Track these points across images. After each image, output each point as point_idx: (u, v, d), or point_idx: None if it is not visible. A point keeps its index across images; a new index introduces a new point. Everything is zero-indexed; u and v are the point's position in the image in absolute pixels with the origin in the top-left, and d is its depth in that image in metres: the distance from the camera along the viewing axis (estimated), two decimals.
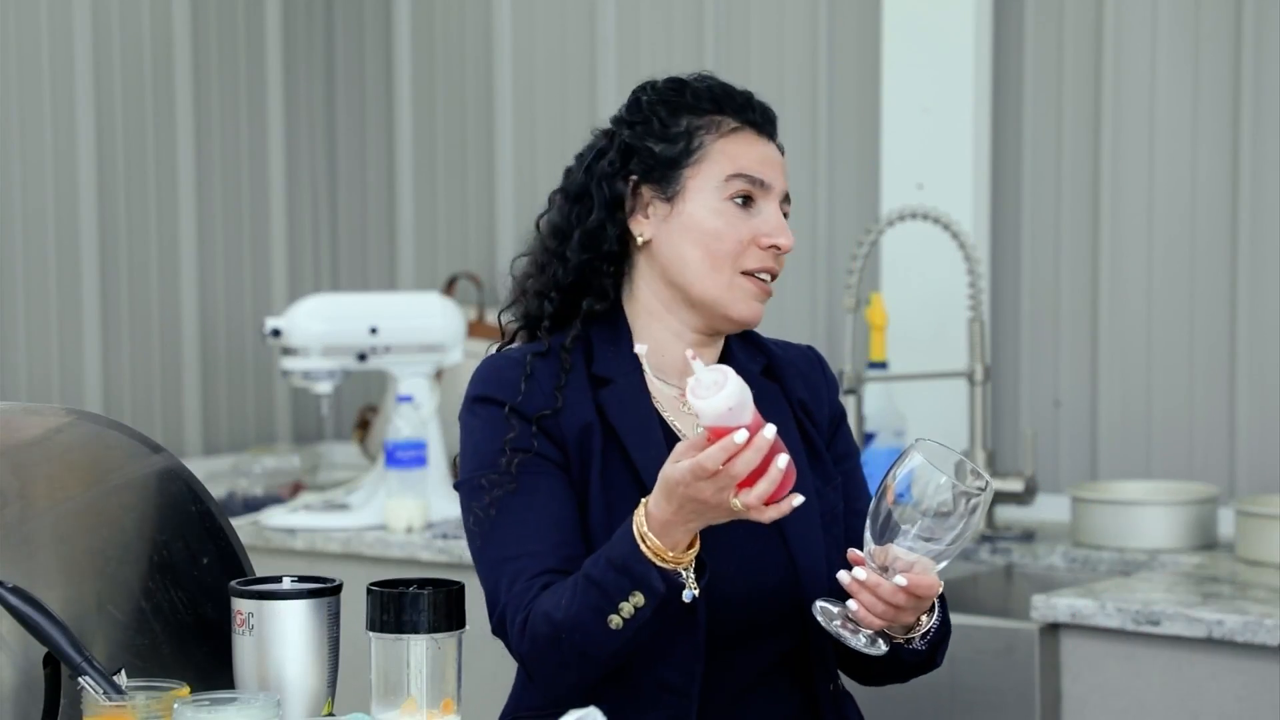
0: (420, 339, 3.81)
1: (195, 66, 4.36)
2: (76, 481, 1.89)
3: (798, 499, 1.86)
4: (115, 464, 1.92)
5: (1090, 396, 3.70)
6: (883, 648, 1.97)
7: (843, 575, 1.94)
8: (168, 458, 1.97)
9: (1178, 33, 3.58)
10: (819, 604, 1.98)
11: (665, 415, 2.12)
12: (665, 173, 2.10)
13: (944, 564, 1.94)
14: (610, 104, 4.24)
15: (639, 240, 2.12)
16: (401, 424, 3.68)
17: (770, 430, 1.82)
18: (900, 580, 1.91)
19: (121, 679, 1.78)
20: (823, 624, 1.97)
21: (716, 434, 1.83)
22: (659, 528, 1.90)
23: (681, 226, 2.09)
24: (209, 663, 1.94)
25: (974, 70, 3.67)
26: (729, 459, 1.82)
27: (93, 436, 1.92)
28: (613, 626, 1.92)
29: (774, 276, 2.11)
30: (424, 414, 3.77)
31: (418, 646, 1.80)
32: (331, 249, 4.70)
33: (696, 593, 1.93)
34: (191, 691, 1.79)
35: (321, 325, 3.77)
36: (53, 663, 1.81)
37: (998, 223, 3.76)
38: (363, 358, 3.80)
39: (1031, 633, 2.96)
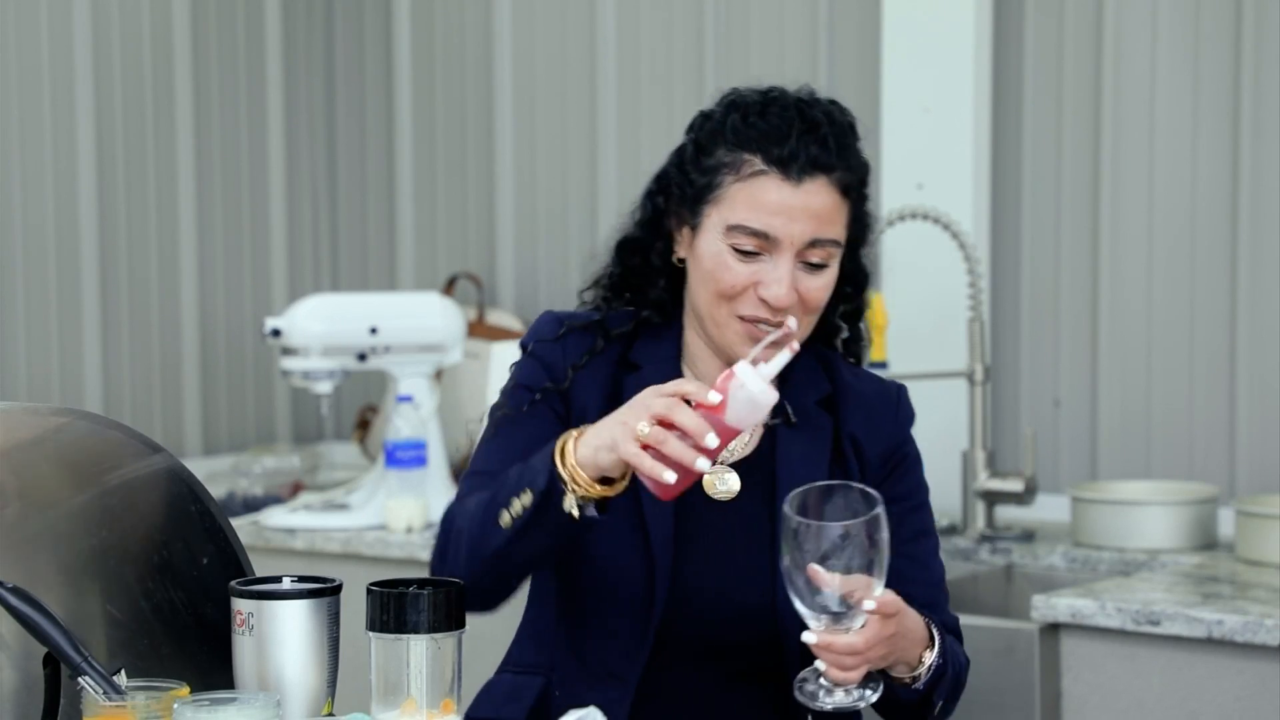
0: (420, 339, 3.82)
1: (195, 66, 4.36)
2: (76, 481, 1.89)
3: (702, 462, 1.83)
4: (115, 464, 1.92)
5: (1090, 396, 3.70)
6: (869, 696, 1.88)
7: (806, 636, 1.85)
8: (168, 458, 1.97)
9: (1178, 33, 3.58)
10: (798, 680, 1.89)
11: None
12: (690, 205, 2.06)
13: (880, 583, 1.84)
14: (610, 104, 4.24)
15: (676, 258, 2.10)
16: (401, 424, 3.68)
17: (712, 439, 1.82)
18: (858, 623, 1.83)
19: (121, 679, 1.78)
20: (803, 701, 1.88)
21: (709, 408, 1.84)
22: (588, 434, 1.90)
23: (696, 257, 2.06)
24: (209, 663, 1.94)
25: (974, 70, 3.67)
26: (688, 401, 1.83)
27: (93, 436, 1.92)
28: (501, 524, 1.94)
29: (783, 326, 2.00)
30: (424, 414, 3.77)
31: (418, 646, 1.80)
32: (331, 249, 4.70)
33: (575, 513, 1.90)
34: (191, 691, 1.79)
35: (321, 325, 3.77)
36: (53, 663, 1.81)
37: (998, 223, 3.76)
38: (363, 358, 3.80)
39: (1031, 633, 2.96)
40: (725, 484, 2.08)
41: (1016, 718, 2.96)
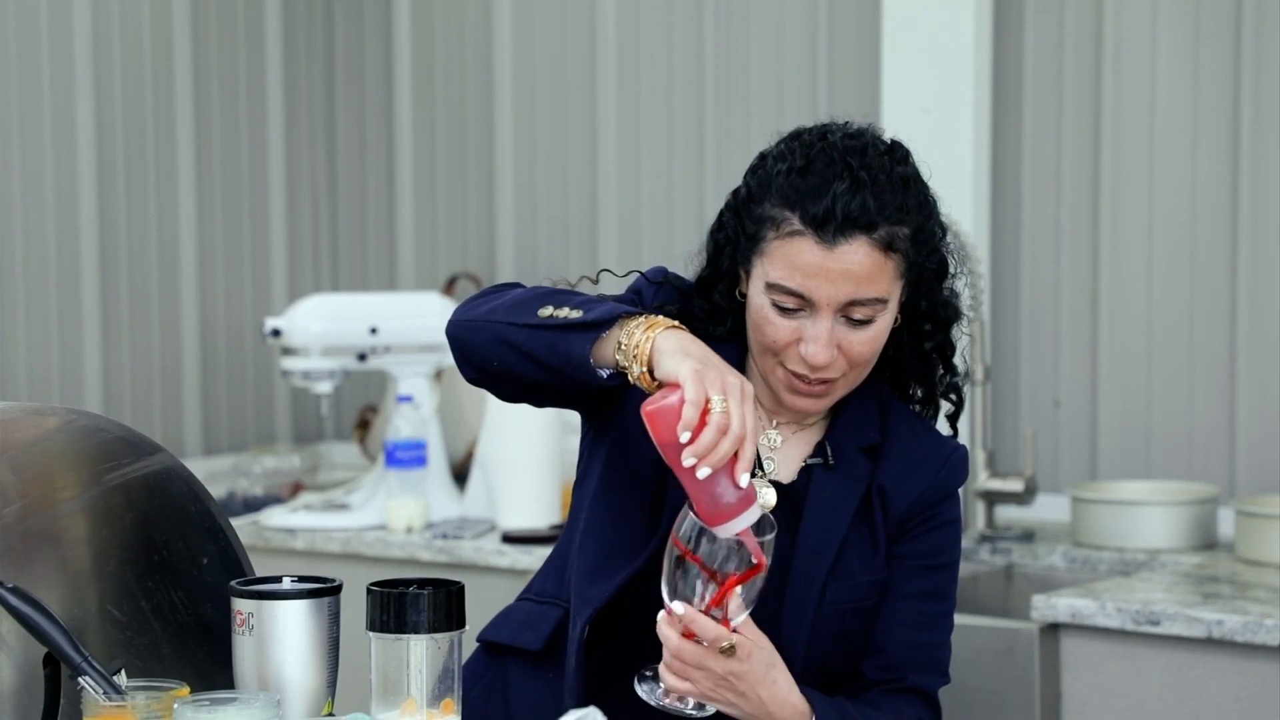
0: (420, 339, 3.81)
1: (195, 66, 4.36)
2: (76, 481, 1.89)
3: (704, 471, 1.83)
4: (115, 464, 1.92)
5: (1090, 396, 3.70)
6: (688, 707, 1.90)
7: (675, 605, 1.87)
8: (168, 458, 1.97)
9: (1178, 33, 3.58)
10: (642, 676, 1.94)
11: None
12: (742, 251, 2.04)
13: (745, 613, 1.89)
14: (610, 104, 4.24)
15: (738, 293, 2.08)
16: (401, 424, 3.68)
17: (703, 472, 1.82)
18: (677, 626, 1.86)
19: (121, 679, 1.78)
20: (644, 696, 1.92)
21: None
22: (664, 332, 1.89)
23: (749, 300, 2.05)
24: (209, 663, 1.94)
25: (974, 70, 3.67)
26: (687, 414, 1.81)
27: (93, 436, 1.92)
28: (539, 312, 1.94)
29: (826, 382, 2.01)
30: (424, 414, 3.77)
31: (418, 646, 1.80)
32: (331, 249, 4.70)
33: (589, 358, 1.90)
34: (191, 691, 1.79)
35: (321, 325, 3.77)
36: (53, 663, 1.81)
37: (998, 223, 3.76)
38: (363, 358, 3.80)
39: (1031, 633, 2.96)
40: (762, 496, 2.05)
41: (1016, 718, 2.96)
